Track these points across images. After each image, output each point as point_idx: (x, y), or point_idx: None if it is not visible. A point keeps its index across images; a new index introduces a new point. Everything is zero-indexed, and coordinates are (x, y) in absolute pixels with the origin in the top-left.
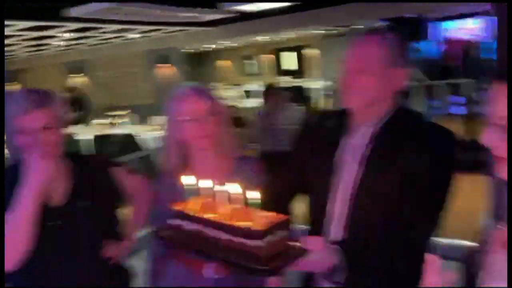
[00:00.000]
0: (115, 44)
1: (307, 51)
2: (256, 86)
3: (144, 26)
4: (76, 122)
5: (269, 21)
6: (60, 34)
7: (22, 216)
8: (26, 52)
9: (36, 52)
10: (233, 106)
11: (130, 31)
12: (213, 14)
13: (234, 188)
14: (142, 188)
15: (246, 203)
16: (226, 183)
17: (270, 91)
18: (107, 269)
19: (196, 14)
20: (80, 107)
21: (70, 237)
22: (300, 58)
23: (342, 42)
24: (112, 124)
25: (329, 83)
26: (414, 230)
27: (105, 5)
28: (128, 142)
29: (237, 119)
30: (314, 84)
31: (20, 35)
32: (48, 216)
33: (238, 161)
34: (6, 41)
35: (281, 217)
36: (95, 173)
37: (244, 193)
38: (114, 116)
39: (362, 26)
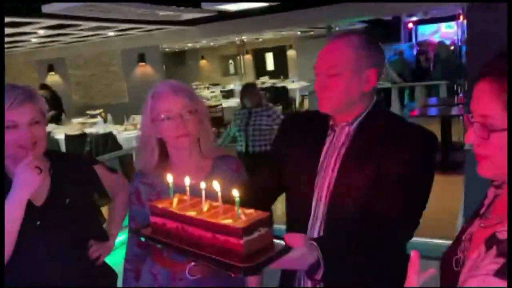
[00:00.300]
0: (92, 42)
1: (288, 52)
2: (237, 85)
3: (121, 24)
4: (49, 121)
5: (248, 22)
6: (35, 31)
7: (9, 222)
8: None
9: (9, 50)
10: (218, 105)
11: (107, 29)
12: (191, 13)
13: (215, 186)
14: (121, 186)
15: (226, 201)
16: (206, 182)
17: (248, 90)
18: (93, 269)
19: (174, 13)
20: (52, 106)
21: (50, 237)
22: (277, 59)
23: (319, 43)
24: (83, 124)
25: (305, 83)
26: (389, 227)
27: (79, 3)
28: (107, 141)
29: (218, 119)
30: (291, 85)
31: None
32: (26, 215)
33: (218, 160)
34: None
35: (261, 214)
36: (74, 171)
37: (228, 192)
38: (87, 115)
39: (337, 28)
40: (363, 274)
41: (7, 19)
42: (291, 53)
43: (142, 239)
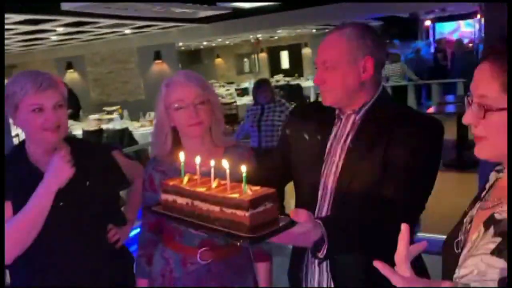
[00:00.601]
0: (109, 40)
1: (303, 50)
2: (251, 83)
3: (137, 21)
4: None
5: (262, 19)
6: (54, 28)
7: (40, 209)
8: (19, 47)
9: (29, 48)
10: (232, 103)
11: (124, 26)
12: (206, 10)
13: (224, 164)
14: (138, 172)
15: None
16: (223, 162)
17: (261, 86)
18: (112, 251)
19: (190, 10)
20: (68, 104)
21: (71, 219)
22: (292, 57)
23: None
24: (100, 120)
25: None
26: (394, 212)
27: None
28: (123, 136)
29: (232, 116)
30: (306, 82)
31: (13, 29)
32: None
33: (229, 149)
34: None
35: (267, 190)
36: (94, 155)
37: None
38: (104, 112)
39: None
40: (366, 254)
41: (26, 17)
42: (306, 51)
43: (157, 214)
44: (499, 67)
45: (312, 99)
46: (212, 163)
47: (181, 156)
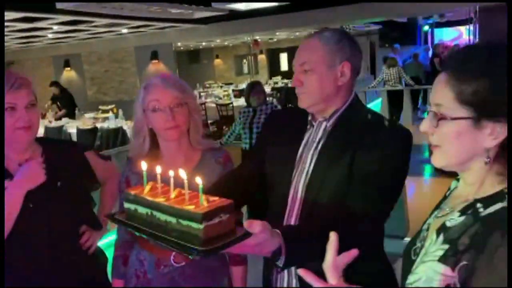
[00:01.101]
0: (106, 39)
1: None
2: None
3: (134, 21)
4: (62, 117)
5: (259, 21)
6: (50, 26)
7: (9, 210)
8: (16, 44)
9: (26, 45)
10: (229, 104)
11: (120, 26)
12: (203, 11)
13: (181, 174)
14: (111, 173)
15: (208, 190)
16: (181, 172)
17: (253, 88)
18: (85, 254)
19: (186, 11)
20: (62, 103)
21: (43, 220)
22: (291, 59)
23: None
24: (95, 119)
25: None
26: (358, 221)
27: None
28: (117, 135)
29: (229, 117)
30: None
31: (10, 26)
32: None
33: (207, 152)
34: None
35: (224, 201)
36: (65, 156)
37: (196, 180)
38: (99, 110)
39: (351, 29)
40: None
41: (22, 15)
42: None
43: (118, 223)
44: (456, 78)
45: None
46: (171, 173)
47: (143, 165)
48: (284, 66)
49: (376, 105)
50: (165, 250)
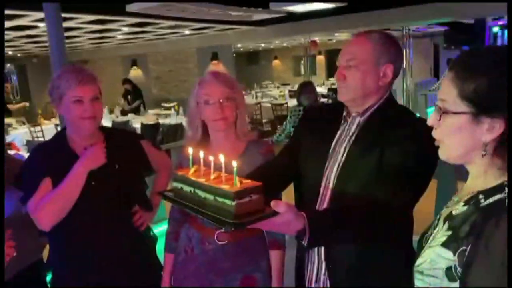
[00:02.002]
0: (170, 40)
1: None
2: None
3: (196, 23)
4: (131, 111)
5: (317, 22)
6: (120, 28)
7: (74, 185)
8: (90, 44)
9: (98, 45)
10: (283, 104)
11: (183, 28)
12: (261, 13)
13: (221, 158)
14: (164, 160)
15: (247, 177)
16: (220, 156)
17: (304, 89)
18: (136, 231)
19: (245, 13)
20: (134, 98)
21: (101, 197)
22: None
23: None
24: (158, 115)
25: None
26: (384, 210)
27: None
28: (177, 130)
29: (283, 117)
30: None
31: (83, 28)
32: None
33: (251, 144)
34: (71, 33)
35: (254, 183)
36: (123, 143)
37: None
38: (162, 107)
39: (413, 30)
40: (357, 246)
41: (94, 17)
42: None
43: (167, 199)
44: (459, 77)
45: None
46: (211, 158)
47: (189, 150)
48: None
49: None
50: (210, 229)
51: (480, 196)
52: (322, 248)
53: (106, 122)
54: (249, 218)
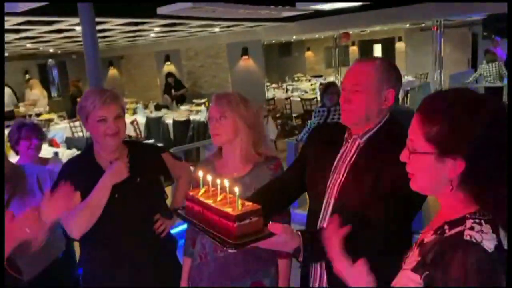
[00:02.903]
0: (202, 37)
1: (396, 44)
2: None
3: (225, 22)
4: (176, 98)
5: (346, 17)
6: (152, 28)
7: (99, 198)
8: (124, 42)
9: (132, 42)
10: (313, 99)
11: (213, 26)
12: (290, 11)
13: (226, 183)
14: (183, 170)
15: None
16: (225, 181)
17: (327, 89)
18: (158, 238)
19: (274, 12)
20: (176, 89)
21: (124, 208)
22: (385, 51)
23: (429, 36)
24: (190, 111)
25: (411, 78)
26: (378, 228)
27: (189, 4)
28: (208, 128)
29: (312, 111)
30: None
31: (118, 29)
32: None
33: (261, 160)
34: (106, 33)
35: (254, 206)
36: (145, 156)
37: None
38: (193, 103)
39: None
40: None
41: (127, 20)
42: (399, 45)
43: (179, 217)
44: (425, 120)
45: (400, 97)
46: (218, 181)
47: (200, 173)
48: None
49: None
50: None
51: (446, 227)
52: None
53: (141, 117)
54: (248, 239)
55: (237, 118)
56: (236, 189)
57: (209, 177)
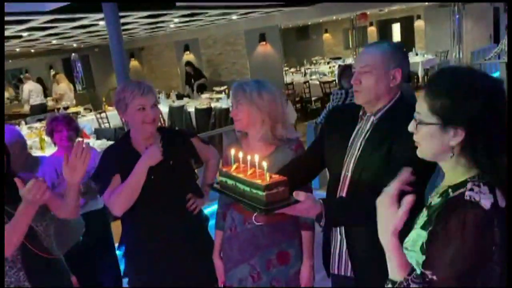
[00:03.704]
0: (219, 25)
1: (416, 22)
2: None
3: (242, 9)
4: (198, 89)
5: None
6: (171, 19)
7: (138, 180)
8: (144, 33)
9: (152, 33)
10: (332, 81)
11: (230, 14)
12: None
13: (256, 158)
14: (212, 154)
15: (280, 171)
16: (255, 156)
17: (345, 72)
18: (191, 214)
19: None
20: (196, 78)
21: (160, 188)
22: (404, 30)
23: (448, 13)
24: (210, 99)
25: (431, 56)
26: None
27: None
28: (228, 115)
29: (330, 94)
30: (414, 58)
31: (138, 22)
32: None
33: (282, 142)
34: (127, 26)
35: (282, 178)
36: (177, 141)
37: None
38: (214, 91)
39: None
40: (368, 227)
41: (147, 13)
42: (419, 23)
43: (214, 190)
44: (429, 94)
45: (420, 76)
46: (249, 157)
47: (232, 151)
48: (396, 37)
49: None
50: (249, 212)
51: (449, 190)
52: (343, 228)
53: (164, 107)
54: (276, 205)
55: (251, 105)
56: (264, 164)
57: (240, 154)
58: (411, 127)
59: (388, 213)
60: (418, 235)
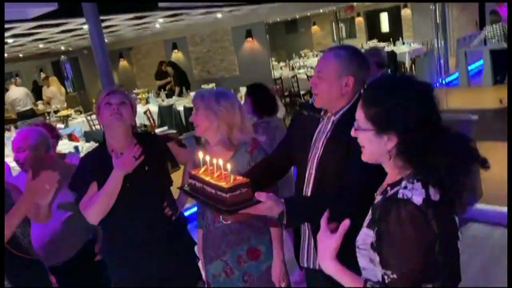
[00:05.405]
0: (205, 23)
1: (402, 12)
2: None
3: (226, 7)
4: (178, 94)
5: None
6: (156, 20)
7: (113, 188)
8: (132, 33)
9: (139, 33)
10: None
11: (214, 13)
12: None
13: (220, 163)
14: (188, 158)
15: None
16: (219, 161)
17: None
18: (169, 219)
19: None
20: (178, 82)
21: (136, 194)
22: (392, 20)
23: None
24: None
25: (418, 46)
26: (347, 193)
27: None
28: None
29: None
30: (401, 47)
31: (123, 24)
32: None
33: (240, 145)
34: (113, 28)
35: (244, 180)
36: (152, 146)
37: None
38: (202, 89)
39: None
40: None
41: (131, 15)
42: (405, 12)
43: (185, 192)
44: (365, 103)
45: (407, 65)
46: (214, 161)
47: (200, 154)
48: (384, 27)
49: (477, 67)
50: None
51: (388, 188)
52: (310, 225)
53: (153, 106)
54: (239, 206)
55: (208, 112)
56: (228, 166)
57: (207, 158)
58: (352, 132)
59: (322, 237)
60: (366, 234)
